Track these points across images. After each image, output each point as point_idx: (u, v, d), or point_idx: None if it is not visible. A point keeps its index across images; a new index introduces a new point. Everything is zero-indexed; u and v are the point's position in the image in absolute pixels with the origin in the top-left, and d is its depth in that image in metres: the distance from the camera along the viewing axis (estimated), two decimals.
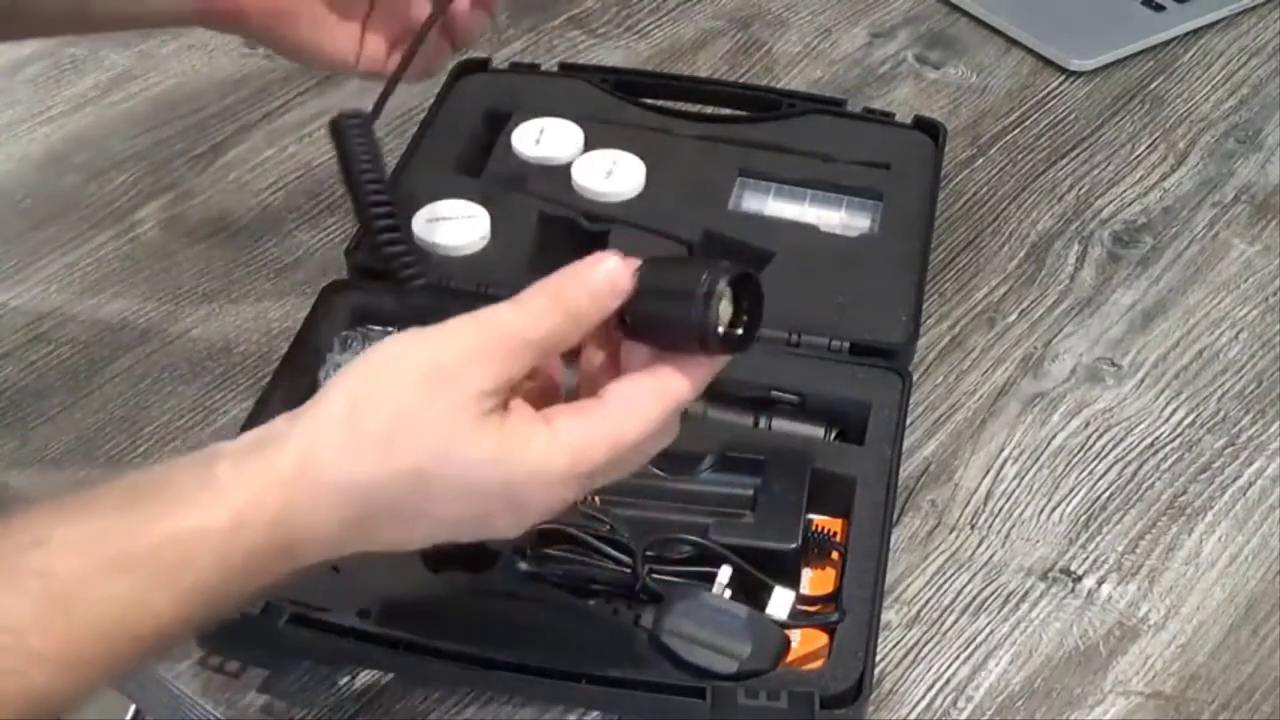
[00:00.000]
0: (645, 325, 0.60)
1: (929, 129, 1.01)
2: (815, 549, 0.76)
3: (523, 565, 0.73)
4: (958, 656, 0.76)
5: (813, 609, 0.74)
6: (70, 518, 0.51)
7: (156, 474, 0.54)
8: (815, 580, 0.75)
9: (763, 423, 0.81)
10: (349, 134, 0.67)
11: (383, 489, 0.54)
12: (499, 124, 0.99)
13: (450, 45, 0.81)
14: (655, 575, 0.73)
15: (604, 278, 0.58)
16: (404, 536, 0.57)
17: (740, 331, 0.60)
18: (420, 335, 0.56)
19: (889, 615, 0.76)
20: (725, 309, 0.59)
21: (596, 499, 0.77)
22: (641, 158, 0.95)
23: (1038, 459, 0.86)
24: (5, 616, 0.48)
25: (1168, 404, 0.89)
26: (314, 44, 0.75)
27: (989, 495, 0.83)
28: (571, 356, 0.61)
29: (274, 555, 0.53)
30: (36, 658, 0.48)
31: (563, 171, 0.95)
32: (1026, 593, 0.79)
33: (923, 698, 0.74)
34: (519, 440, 0.55)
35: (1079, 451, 0.86)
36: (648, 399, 0.58)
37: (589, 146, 0.95)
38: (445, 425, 0.54)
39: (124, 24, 0.78)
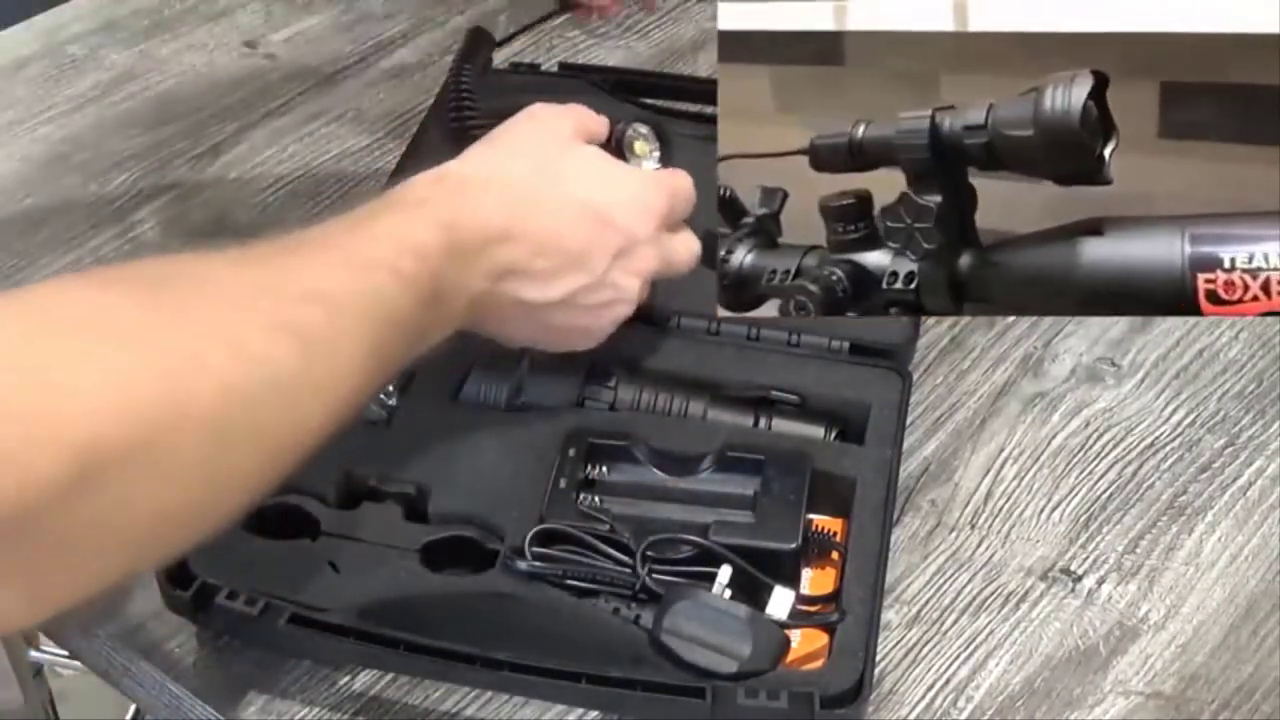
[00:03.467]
0: None
1: None
2: (815, 549, 0.76)
3: (522, 565, 0.73)
4: (958, 656, 0.76)
5: (813, 609, 0.74)
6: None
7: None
8: (815, 580, 0.75)
9: (763, 423, 0.81)
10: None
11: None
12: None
13: None
14: (655, 575, 0.73)
15: None
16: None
17: None
18: None
19: (889, 615, 0.76)
20: None
21: (597, 498, 0.77)
22: None
23: (1038, 459, 0.85)
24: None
25: (1168, 404, 0.89)
26: None
27: (989, 495, 0.83)
28: None
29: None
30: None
31: None
32: (1026, 593, 0.79)
33: (923, 698, 0.74)
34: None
35: (1079, 451, 0.86)
36: None
37: None
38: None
39: None
